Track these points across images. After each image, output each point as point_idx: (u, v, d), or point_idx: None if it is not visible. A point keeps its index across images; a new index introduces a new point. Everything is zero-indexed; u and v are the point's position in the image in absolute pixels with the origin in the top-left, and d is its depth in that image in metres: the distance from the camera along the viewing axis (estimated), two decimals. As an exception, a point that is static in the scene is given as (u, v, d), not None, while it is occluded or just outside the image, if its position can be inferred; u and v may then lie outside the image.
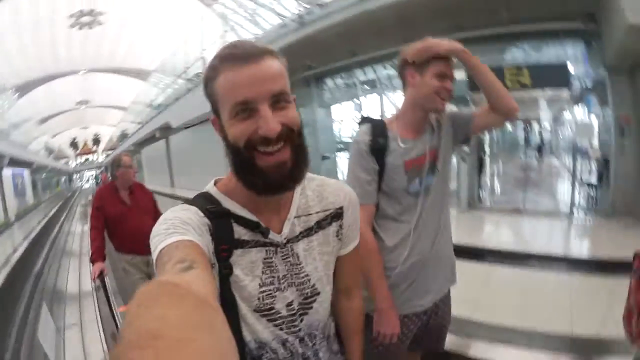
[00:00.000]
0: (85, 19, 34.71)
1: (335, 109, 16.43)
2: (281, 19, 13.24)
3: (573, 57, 10.53)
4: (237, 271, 1.12)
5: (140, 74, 42.84)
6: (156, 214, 4.65)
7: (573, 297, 4.74)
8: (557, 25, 9.68)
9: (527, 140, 18.63)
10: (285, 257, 1.21)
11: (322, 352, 1.32)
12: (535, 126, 17.83)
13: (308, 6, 11.60)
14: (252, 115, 1.02)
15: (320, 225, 1.29)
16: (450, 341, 2.68)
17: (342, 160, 16.01)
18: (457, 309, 2.59)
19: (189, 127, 21.37)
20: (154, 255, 0.95)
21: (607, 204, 9.76)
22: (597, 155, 11.09)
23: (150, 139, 30.09)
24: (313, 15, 11.22)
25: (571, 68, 10.50)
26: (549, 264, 6.11)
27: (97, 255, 4.25)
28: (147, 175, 34.02)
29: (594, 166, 11.22)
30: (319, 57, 12.89)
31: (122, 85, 48.74)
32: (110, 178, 4.79)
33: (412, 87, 2.06)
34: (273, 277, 1.18)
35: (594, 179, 10.53)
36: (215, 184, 1.24)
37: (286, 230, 1.21)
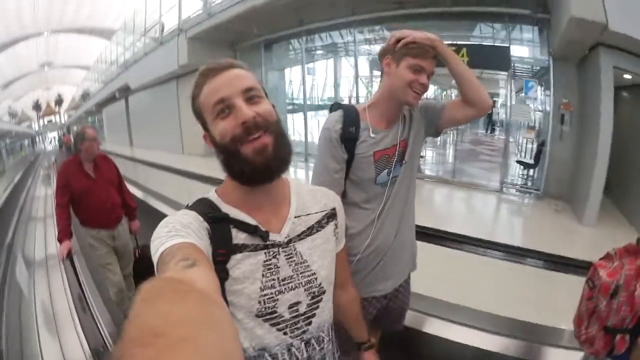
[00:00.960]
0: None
1: (289, 72, 16.66)
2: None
3: (520, 42, 10.82)
4: (235, 276, 1.12)
5: (105, 33, 42.35)
6: (120, 184, 4.68)
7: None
8: (506, 9, 9.86)
9: (488, 116, 19.15)
10: (289, 256, 1.22)
11: (328, 356, 1.34)
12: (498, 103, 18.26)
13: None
14: (231, 112, 1.10)
15: (320, 224, 1.32)
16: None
17: (293, 121, 16.35)
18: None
19: (147, 88, 21.67)
20: (155, 258, 0.94)
21: (540, 185, 10.13)
22: (530, 136, 11.53)
23: (110, 99, 30.09)
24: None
25: (516, 52, 10.74)
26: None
27: (64, 233, 4.10)
28: (107, 134, 34.41)
29: (532, 147, 11.58)
30: (269, 25, 13.22)
31: (87, 44, 47.96)
32: (72, 149, 4.78)
33: (387, 76, 2.02)
34: (274, 279, 1.17)
35: (530, 160, 10.77)
36: (216, 191, 1.26)
37: (287, 229, 1.23)
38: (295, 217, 1.27)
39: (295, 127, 16.35)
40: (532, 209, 9.69)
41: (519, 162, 11.28)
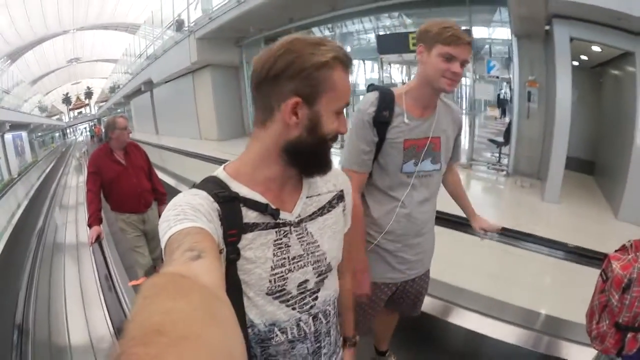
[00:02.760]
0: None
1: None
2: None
3: (485, 23, 10.91)
4: (247, 255, 1.10)
5: (130, 28, 42.58)
6: (150, 171, 4.69)
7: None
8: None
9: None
10: (300, 236, 1.20)
11: (332, 329, 1.34)
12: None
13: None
14: (338, 117, 1.12)
15: (331, 204, 1.31)
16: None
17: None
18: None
19: (168, 81, 22.51)
20: (163, 240, 0.91)
21: (510, 163, 9.87)
22: (494, 114, 11.46)
23: (137, 92, 30.90)
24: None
25: (479, 33, 10.88)
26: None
27: (94, 218, 4.12)
28: (136, 124, 34.82)
29: (501, 126, 11.24)
30: (264, 23, 13.95)
31: (113, 39, 47.97)
32: (102, 139, 4.73)
33: (420, 63, 1.96)
34: (284, 258, 1.16)
35: (500, 138, 10.65)
36: (224, 168, 1.21)
37: (298, 209, 1.21)
38: (307, 197, 1.25)
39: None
40: (499, 186, 9.66)
41: (490, 140, 11.21)
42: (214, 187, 1.10)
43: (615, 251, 1.93)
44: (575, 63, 9.46)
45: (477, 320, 3.18)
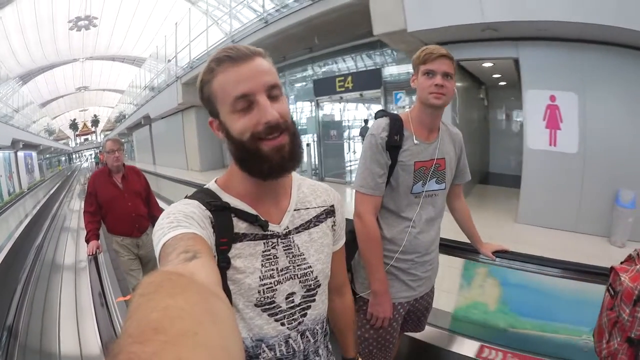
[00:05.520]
0: (82, 23, 36.75)
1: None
2: (257, 14, 14.71)
3: (397, 62, 11.65)
4: (236, 264, 1.07)
5: (136, 61, 44.00)
6: (148, 197, 4.57)
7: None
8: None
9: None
10: (286, 248, 1.16)
11: (321, 349, 1.28)
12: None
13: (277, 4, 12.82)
14: (252, 108, 1.00)
15: (318, 219, 1.25)
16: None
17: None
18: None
19: (163, 118, 24.98)
20: (157, 248, 0.89)
21: None
22: None
23: (138, 125, 32.68)
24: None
25: (390, 71, 11.79)
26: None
27: (92, 234, 4.07)
28: (137, 154, 36.51)
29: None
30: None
31: (120, 70, 48.91)
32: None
33: (415, 87, 2.02)
34: (273, 269, 1.12)
35: None
36: (215, 181, 1.18)
37: (286, 221, 1.17)
38: (295, 209, 1.20)
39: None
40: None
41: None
42: (206, 197, 1.09)
43: (621, 263, 1.80)
44: (502, 83, 11.06)
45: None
